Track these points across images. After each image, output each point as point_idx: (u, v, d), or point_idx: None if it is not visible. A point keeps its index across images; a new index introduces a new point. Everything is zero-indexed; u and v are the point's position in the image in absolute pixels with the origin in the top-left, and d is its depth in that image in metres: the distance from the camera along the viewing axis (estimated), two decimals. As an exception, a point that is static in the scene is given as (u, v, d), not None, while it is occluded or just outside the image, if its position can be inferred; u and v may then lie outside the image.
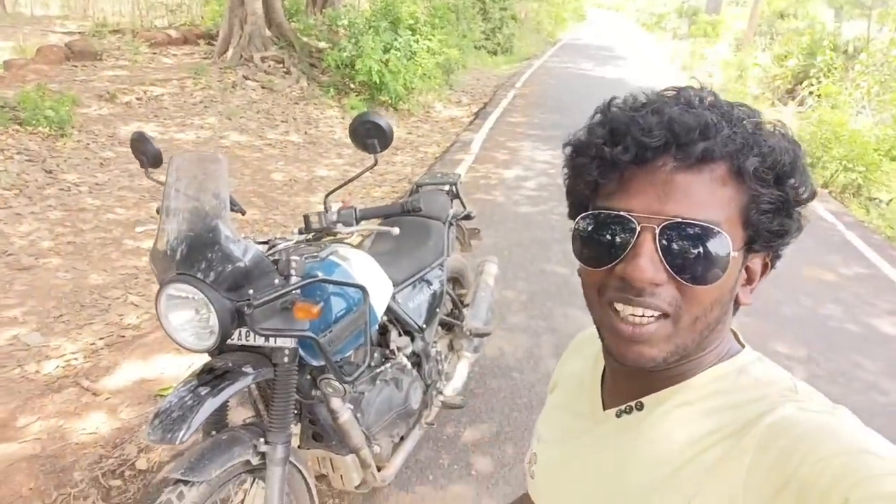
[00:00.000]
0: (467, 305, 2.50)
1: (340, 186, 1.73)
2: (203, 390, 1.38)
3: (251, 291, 1.37)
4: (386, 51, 8.49)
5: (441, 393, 2.22)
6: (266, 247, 1.52)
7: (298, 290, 1.44)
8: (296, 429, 1.81)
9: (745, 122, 0.58)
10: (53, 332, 3.22)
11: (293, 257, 1.47)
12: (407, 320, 2.02)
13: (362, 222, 1.65)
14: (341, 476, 1.82)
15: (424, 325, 2.11)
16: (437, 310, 2.23)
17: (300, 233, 1.61)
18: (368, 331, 1.65)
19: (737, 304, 0.64)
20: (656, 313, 0.58)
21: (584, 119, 0.63)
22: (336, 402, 1.68)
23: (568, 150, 0.65)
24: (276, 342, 1.46)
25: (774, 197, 0.58)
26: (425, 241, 2.21)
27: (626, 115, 0.59)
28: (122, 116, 6.75)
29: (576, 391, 0.76)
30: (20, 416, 2.61)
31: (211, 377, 1.41)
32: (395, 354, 1.97)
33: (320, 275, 1.51)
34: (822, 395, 0.58)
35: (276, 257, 1.47)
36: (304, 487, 1.64)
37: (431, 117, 9.23)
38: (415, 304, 2.10)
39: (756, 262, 0.63)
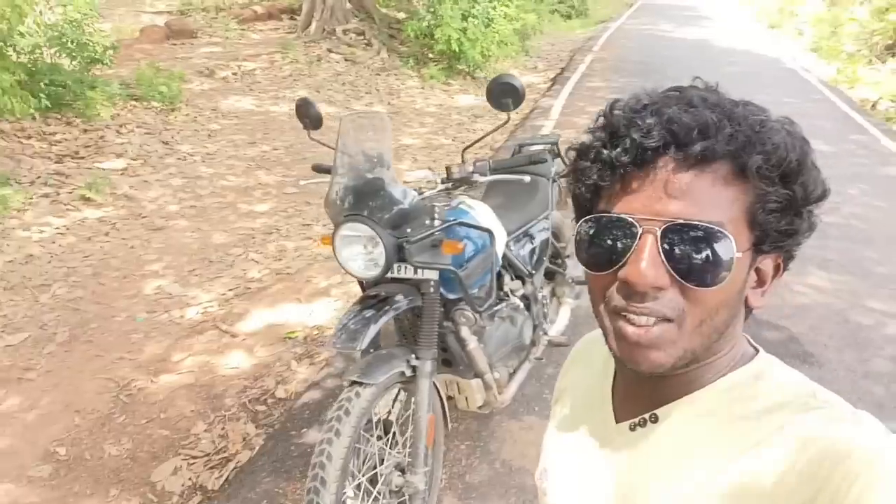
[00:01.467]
0: (568, 256, 2.71)
1: (476, 142, 1.96)
2: (369, 312, 1.66)
3: (409, 230, 1.63)
4: (464, 18, 8.60)
5: (546, 333, 2.45)
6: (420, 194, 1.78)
7: (444, 230, 1.69)
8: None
9: (749, 119, 0.56)
10: (189, 283, 3.66)
11: (436, 203, 1.72)
12: (518, 266, 2.25)
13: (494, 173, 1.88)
14: (466, 398, 2.09)
15: (533, 271, 2.34)
16: (544, 258, 2.44)
17: (443, 182, 1.85)
18: (494, 270, 1.89)
19: (749, 308, 0.62)
20: (658, 318, 0.56)
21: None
22: (465, 331, 1.94)
23: (571, 154, 0.64)
24: (423, 274, 1.72)
25: (781, 196, 0.56)
26: (533, 195, 2.42)
27: (626, 116, 0.58)
28: (221, 91, 7.24)
29: (584, 402, 0.74)
30: (174, 353, 3.04)
31: (374, 302, 1.69)
32: (509, 296, 2.20)
33: (458, 219, 1.75)
34: (841, 398, 0.57)
35: (423, 203, 1.73)
36: (438, 403, 1.92)
37: (508, 84, 9.30)
38: (525, 252, 2.32)
39: (767, 264, 0.61)
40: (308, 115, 1.91)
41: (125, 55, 8.00)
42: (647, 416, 0.63)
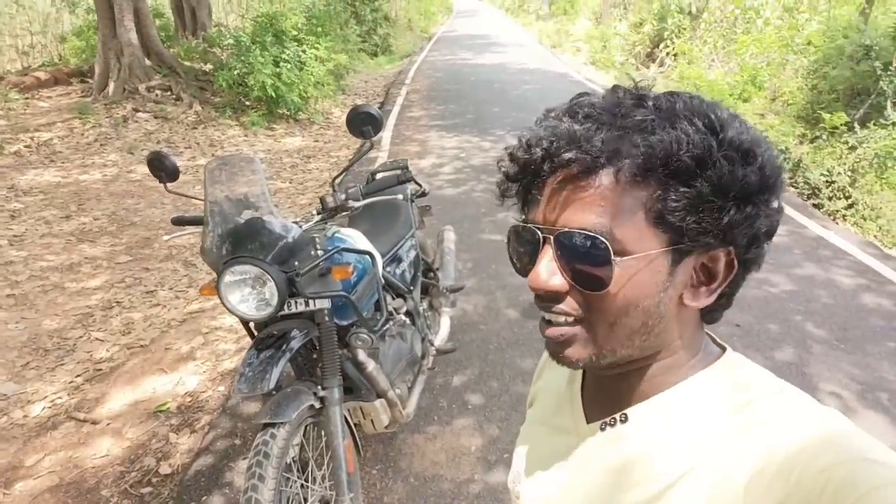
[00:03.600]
0: (437, 269, 2.87)
1: (343, 171, 2.04)
2: (268, 353, 1.65)
3: (296, 263, 1.65)
4: (276, 64, 8.59)
5: (433, 344, 2.56)
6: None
7: (329, 258, 1.74)
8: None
9: (630, 121, 0.55)
10: (26, 378, 3.24)
11: (316, 233, 1.77)
12: (397, 284, 2.35)
13: (367, 197, 1.97)
14: (372, 420, 2.13)
15: (411, 288, 2.45)
16: (418, 274, 2.57)
17: (318, 213, 1.89)
18: (380, 289, 1.98)
19: (690, 306, 0.60)
20: (570, 318, 0.59)
21: (479, 105, 0.70)
22: (362, 355, 1.99)
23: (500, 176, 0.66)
24: (316, 305, 1.75)
25: (680, 195, 0.54)
26: (396, 218, 2.54)
27: (526, 131, 0.60)
28: (15, 167, 6.49)
29: (554, 405, 0.74)
30: (26, 457, 2.68)
31: (271, 342, 1.69)
32: (393, 314, 2.29)
33: (340, 246, 1.82)
34: (809, 396, 0.57)
35: (306, 234, 1.76)
36: (349, 430, 1.94)
37: (333, 123, 9.42)
38: (400, 270, 2.43)
39: (715, 260, 0.58)
40: (163, 168, 1.86)
41: None
42: (617, 416, 0.64)
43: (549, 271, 0.57)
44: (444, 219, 4.97)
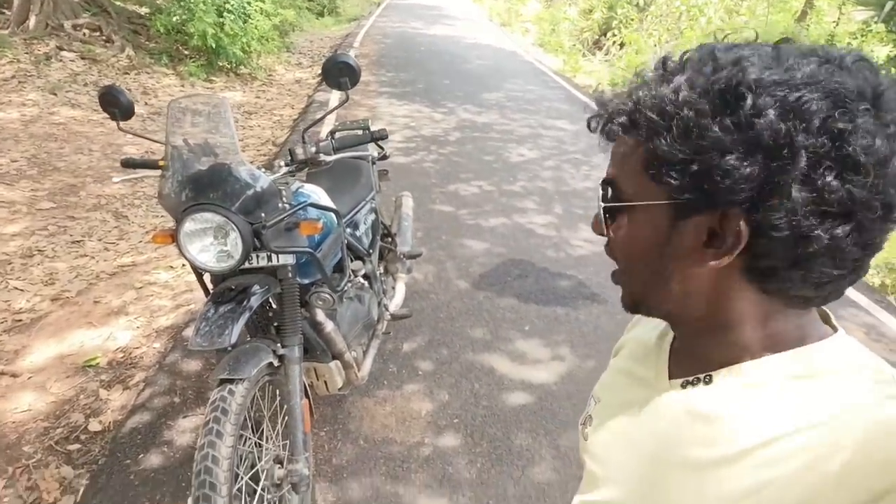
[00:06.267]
0: (395, 234, 2.81)
1: (315, 123, 1.94)
2: (227, 307, 1.57)
3: (262, 214, 1.57)
4: (220, 14, 8.14)
5: (387, 309, 2.53)
6: None
7: (298, 212, 1.66)
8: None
9: (646, 81, 0.58)
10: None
11: (282, 186, 1.69)
12: (357, 246, 2.28)
13: (338, 152, 1.89)
14: (326, 382, 2.08)
15: (370, 250, 2.40)
16: (377, 237, 2.52)
17: (286, 164, 1.80)
18: (344, 248, 1.92)
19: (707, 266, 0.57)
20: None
21: (430, 75, 0.69)
22: (321, 315, 1.93)
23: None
24: (279, 260, 1.67)
25: (662, 150, 0.54)
26: (358, 178, 2.47)
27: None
28: (-81, 98, 5.88)
29: (640, 356, 0.74)
30: (-66, 410, 2.47)
31: (231, 296, 1.60)
32: (352, 276, 2.24)
33: (306, 201, 1.74)
34: None
35: (274, 185, 1.67)
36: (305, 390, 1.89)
37: (276, 80, 9.06)
38: (359, 233, 2.36)
39: (727, 226, 0.54)
40: (116, 105, 1.71)
41: None
42: (701, 375, 0.62)
43: (597, 217, 0.65)
44: (395, 187, 4.89)
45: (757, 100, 0.50)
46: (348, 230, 2.27)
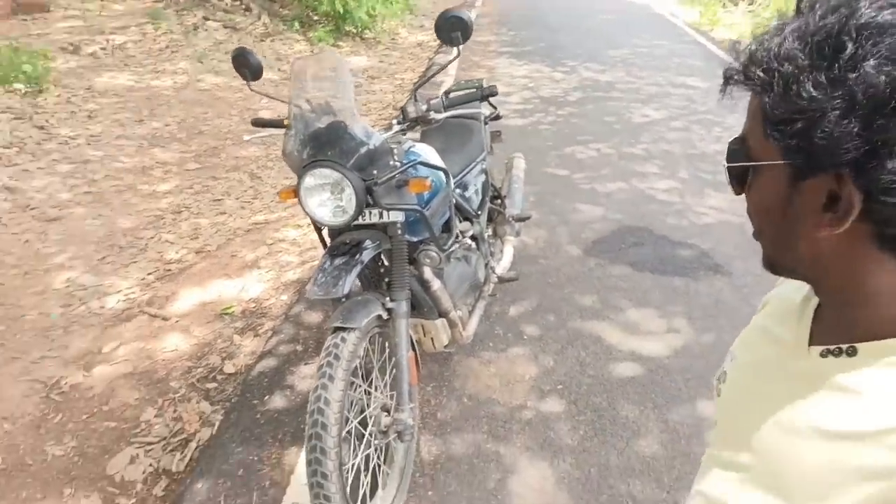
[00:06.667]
0: (505, 196, 2.81)
1: (426, 80, 1.97)
2: (341, 259, 1.66)
3: (375, 172, 1.63)
4: (347, -22, 8.37)
5: (494, 271, 2.54)
6: None
7: (408, 170, 1.71)
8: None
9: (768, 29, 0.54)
10: (102, 272, 3.41)
11: (394, 144, 1.73)
12: (466, 207, 2.31)
13: (449, 109, 1.91)
14: (432, 339, 2.15)
15: (479, 212, 2.41)
16: (486, 199, 2.53)
17: (398, 122, 1.85)
18: (451, 209, 1.94)
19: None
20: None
21: (553, 33, 0.64)
22: (428, 273, 1.98)
23: None
24: (390, 217, 1.73)
25: (776, 103, 0.51)
26: (469, 138, 2.47)
27: None
28: (92, 68, 6.62)
29: (783, 315, 0.69)
30: (103, 345, 2.85)
31: (346, 249, 1.69)
32: (460, 237, 2.27)
33: (416, 160, 1.78)
34: None
35: (387, 143, 1.73)
36: (412, 344, 1.96)
37: (398, 44, 9.21)
38: (469, 194, 2.38)
39: (845, 190, 0.50)
40: (247, 66, 1.83)
41: (-33, 35, 7.10)
42: (844, 346, 0.58)
43: (733, 174, 0.61)
44: (509, 149, 4.85)
45: (858, 49, 0.45)
46: (457, 190, 2.29)
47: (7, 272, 3.33)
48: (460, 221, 2.32)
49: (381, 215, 1.73)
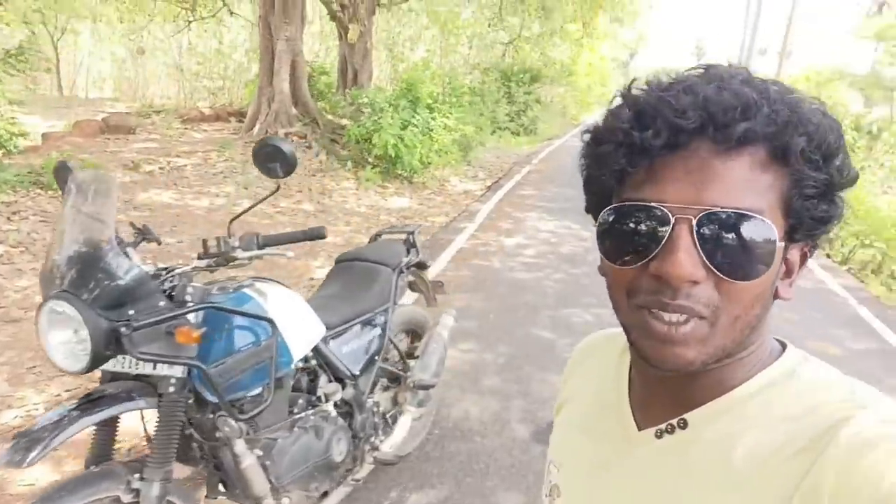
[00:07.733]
0: (418, 356, 2.40)
1: (244, 212, 1.74)
2: (73, 414, 1.33)
3: (132, 312, 1.33)
4: (403, 127, 8.79)
5: (376, 448, 2.09)
6: (164, 272, 1.51)
7: (189, 316, 1.40)
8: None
9: (785, 98, 0.52)
10: (23, 382, 3.22)
11: (190, 284, 1.44)
12: (338, 366, 1.95)
13: (266, 248, 1.64)
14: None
15: (358, 373, 2.03)
16: (376, 358, 2.14)
17: (199, 258, 1.59)
18: (273, 368, 1.59)
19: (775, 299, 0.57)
20: (694, 313, 0.52)
21: None
22: (239, 446, 1.60)
23: (587, 137, 0.59)
24: (163, 370, 1.40)
25: (819, 181, 0.51)
26: (370, 286, 2.17)
27: (653, 96, 0.53)
28: (142, 184, 7.05)
29: (596, 408, 0.68)
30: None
31: (90, 402, 1.36)
32: (321, 401, 1.88)
33: (217, 303, 1.47)
34: (882, 394, 0.52)
35: (174, 283, 1.45)
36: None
37: (446, 190, 9.38)
38: (350, 350, 2.02)
39: (794, 254, 0.56)
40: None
41: (51, 146, 7.85)
42: (674, 421, 0.59)
43: (691, 257, 0.51)
44: (500, 303, 4.49)
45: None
46: (332, 345, 1.94)
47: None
48: (330, 381, 1.94)
49: (154, 366, 1.40)
